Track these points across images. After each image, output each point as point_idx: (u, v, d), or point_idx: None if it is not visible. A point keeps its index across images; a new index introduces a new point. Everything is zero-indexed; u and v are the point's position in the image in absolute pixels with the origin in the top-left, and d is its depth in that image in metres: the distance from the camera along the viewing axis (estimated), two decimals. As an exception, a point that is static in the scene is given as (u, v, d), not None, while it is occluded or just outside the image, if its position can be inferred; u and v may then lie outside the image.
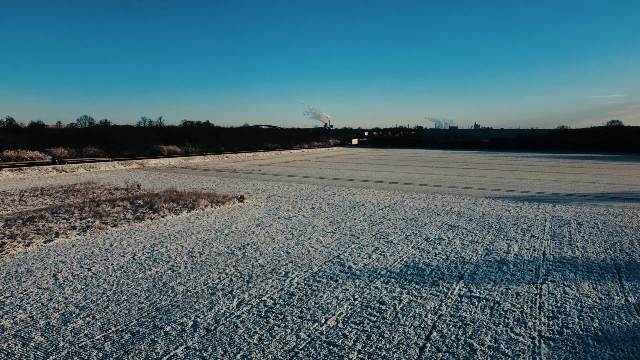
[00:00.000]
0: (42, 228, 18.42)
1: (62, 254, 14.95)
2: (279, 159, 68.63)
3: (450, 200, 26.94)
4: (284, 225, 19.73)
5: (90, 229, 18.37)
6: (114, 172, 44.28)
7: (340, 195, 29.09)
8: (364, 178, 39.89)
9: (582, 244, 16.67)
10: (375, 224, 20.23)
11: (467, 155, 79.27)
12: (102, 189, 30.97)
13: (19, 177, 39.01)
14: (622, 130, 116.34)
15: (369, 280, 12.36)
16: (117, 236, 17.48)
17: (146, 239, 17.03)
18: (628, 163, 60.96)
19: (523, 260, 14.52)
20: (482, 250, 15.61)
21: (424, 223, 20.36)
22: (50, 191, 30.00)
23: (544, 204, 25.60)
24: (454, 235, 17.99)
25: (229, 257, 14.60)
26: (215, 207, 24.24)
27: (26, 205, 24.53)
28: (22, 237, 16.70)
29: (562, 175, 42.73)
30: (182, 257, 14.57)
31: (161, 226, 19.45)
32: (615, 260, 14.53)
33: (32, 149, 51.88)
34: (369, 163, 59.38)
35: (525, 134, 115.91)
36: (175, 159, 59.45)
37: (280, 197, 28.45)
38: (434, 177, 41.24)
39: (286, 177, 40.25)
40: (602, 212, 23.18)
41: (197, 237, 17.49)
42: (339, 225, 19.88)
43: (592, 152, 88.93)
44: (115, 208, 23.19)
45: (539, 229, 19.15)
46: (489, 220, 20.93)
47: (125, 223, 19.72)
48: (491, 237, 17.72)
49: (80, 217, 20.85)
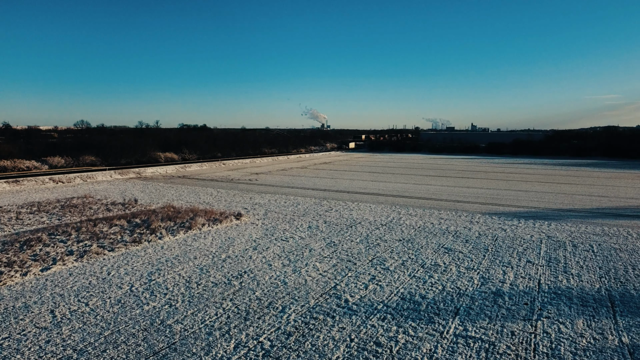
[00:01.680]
0: (39, 253, 18.42)
1: (60, 284, 14.96)
2: (276, 166, 68.63)
3: (446, 217, 27.04)
4: (281, 249, 19.79)
5: (88, 254, 18.38)
6: (110, 183, 44.22)
7: (337, 211, 29.16)
8: (361, 190, 39.97)
9: (577, 271, 16.78)
10: (372, 246, 20.31)
11: (464, 162, 79.44)
12: (99, 204, 30.94)
13: (15, 189, 38.93)
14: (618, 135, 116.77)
15: (366, 317, 12.43)
16: (114, 262, 17.49)
17: (143, 266, 17.06)
18: (623, 171, 61.26)
19: (518, 291, 14.62)
20: (477, 279, 15.71)
21: (420, 245, 20.45)
22: (47, 206, 29.96)
23: (539, 222, 25.73)
24: (450, 260, 18.08)
25: (226, 288, 14.65)
26: (212, 226, 24.26)
27: (23, 224, 24.50)
28: (19, 264, 16.70)
29: (558, 186, 42.91)
30: (179, 289, 14.61)
31: (158, 250, 19.47)
32: (610, 291, 14.65)
33: (29, 158, 51.75)
34: (366, 171, 59.47)
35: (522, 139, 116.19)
36: (172, 167, 59.39)
37: (277, 213, 28.50)
38: (431, 188, 41.36)
39: (283, 189, 40.28)
40: (598, 232, 23.32)
41: (194, 263, 17.52)
42: (336, 248, 19.95)
43: (588, 158, 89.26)
44: (112, 228, 23.19)
45: (535, 253, 19.27)
46: (484, 242, 21.03)
47: (123, 247, 19.73)
48: (487, 262, 17.82)
49: (78, 239, 20.85)
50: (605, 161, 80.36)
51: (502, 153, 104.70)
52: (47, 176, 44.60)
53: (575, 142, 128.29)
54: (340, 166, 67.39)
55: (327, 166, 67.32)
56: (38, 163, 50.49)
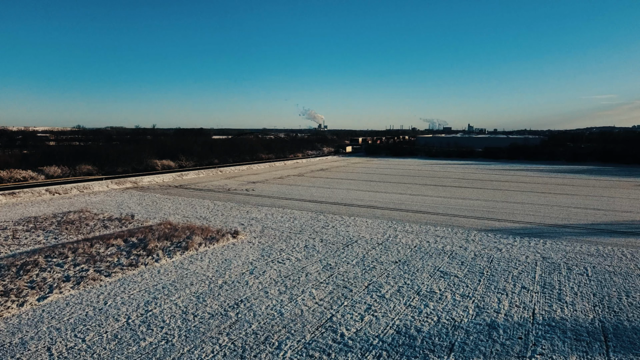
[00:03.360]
0: (35, 279, 18.44)
1: (57, 316, 14.99)
2: (273, 173, 68.66)
3: (442, 235, 27.16)
4: (278, 272, 19.85)
5: (84, 280, 18.40)
6: (107, 194, 44.17)
7: (334, 227, 29.24)
8: (357, 201, 40.05)
9: (571, 298, 16.92)
10: (368, 269, 20.40)
11: (461, 168, 79.64)
12: (95, 220, 30.93)
13: (12, 202, 38.84)
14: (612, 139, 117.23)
15: (362, 354, 12.52)
16: (111, 290, 17.53)
17: (140, 294, 17.10)
18: (618, 179, 61.59)
19: (513, 322, 14.74)
20: (473, 309, 15.82)
21: (416, 268, 20.55)
22: (43, 222, 29.94)
23: (535, 240, 25.88)
24: (445, 286, 18.19)
25: (223, 321, 14.71)
26: (209, 246, 24.31)
27: (20, 244, 24.49)
28: (15, 293, 16.71)
29: (554, 198, 43.12)
30: (175, 321, 14.65)
31: (155, 274, 19.51)
32: (603, 322, 14.78)
33: (25, 168, 51.62)
34: (362, 180, 59.57)
35: (518, 143, 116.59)
36: (169, 175, 59.34)
37: (274, 229, 28.57)
38: (427, 200, 41.49)
39: (280, 201, 40.33)
40: (592, 252, 23.48)
41: (190, 290, 17.57)
42: (332, 271, 20.04)
43: (584, 164, 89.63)
44: (109, 249, 23.21)
45: (529, 277, 19.40)
46: (480, 265, 21.16)
47: (119, 271, 19.75)
48: (482, 288, 17.94)
49: (74, 262, 20.87)
50: (601, 167, 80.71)
51: (498, 158, 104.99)
52: (44, 187, 44.51)
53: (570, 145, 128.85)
54: (337, 173, 67.46)
55: (324, 174, 67.38)
56: (34, 173, 50.37)
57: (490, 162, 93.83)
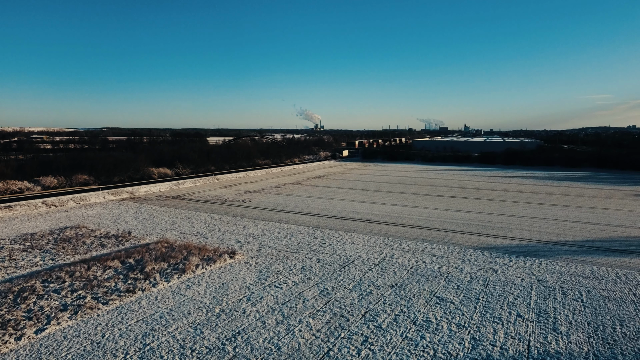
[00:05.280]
0: (33, 308, 18.48)
1: (55, 351, 15.04)
2: (269, 181, 68.72)
3: (438, 254, 27.33)
4: (275, 299, 19.96)
5: (82, 309, 18.45)
6: (104, 206, 44.14)
7: (331, 245, 29.37)
8: (354, 214, 40.19)
9: (566, 328, 17.10)
10: (365, 294, 20.54)
11: (457, 175, 79.94)
12: (92, 238, 30.94)
13: (8, 216, 38.77)
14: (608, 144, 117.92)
15: (358, 395, 12.62)
16: (108, 320, 17.58)
17: (137, 325, 17.16)
18: (614, 187, 62.02)
19: (508, 357, 14.89)
20: (468, 341, 15.97)
21: (412, 294, 20.69)
22: (40, 240, 29.94)
23: (530, 260, 26.08)
24: (441, 314, 18.34)
25: (221, 356, 14.79)
26: (206, 267, 24.39)
27: (17, 265, 24.50)
28: (13, 325, 16.75)
29: (549, 210, 43.39)
30: (173, 357, 14.73)
31: (152, 301, 19.57)
32: (598, 357, 14.95)
33: (21, 179, 51.52)
34: (359, 188, 59.71)
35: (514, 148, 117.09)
36: (165, 184, 59.31)
37: (270, 247, 28.68)
38: (423, 212, 41.67)
39: (277, 214, 40.42)
40: (587, 274, 23.69)
41: (187, 320, 17.65)
42: (329, 297, 20.16)
43: (579, 170, 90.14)
44: (106, 272, 23.25)
45: (525, 303, 19.58)
46: (476, 289, 21.32)
47: (117, 298, 19.81)
48: (478, 317, 18.09)
49: (72, 288, 20.91)
50: (596, 173, 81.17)
51: (494, 163, 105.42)
52: (40, 199, 44.44)
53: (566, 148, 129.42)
54: (334, 181, 67.58)
55: (320, 181, 67.49)
56: (31, 184, 50.30)
57: (486, 168, 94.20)
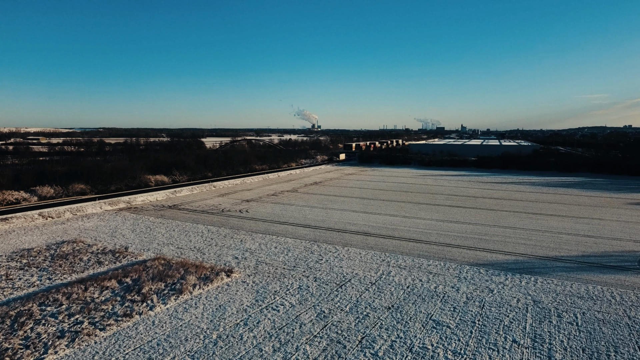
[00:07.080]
0: (30, 335, 18.50)
1: (51, 384, 15.06)
2: (266, 188, 68.74)
3: (435, 271, 27.46)
4: (272, 323, 20.03)
5: (79, 336, 18.47)
6: (100, 218, 44.09)
7: (327, 261, 29.46)
8: (351, 226, 40.29)
9: (561, 356, 17.24)
10: (362, 317, 20.63)
11: (454, 181, 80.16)
12: (89, 254, 30.93)
13: (4, 229, 38.69)
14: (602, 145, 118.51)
15: None
16: (105, 349, 17.62)
17: (134, 353, 17.21)
18: (609, 194, 62.36)
19: (503, 388, 15.00)
20: (464, 371, 16.07)
21: (409, 317, 20.80)
22: (37, 257, 29.92)
23: (526, 278, 26.24)
24: (437, 340, 18.45)
25: (218, 389, 14.84)
26: (203, 288, 24.43)
27: (13, 286, 24.49)
28: (10, 356, 16.76)
29: (545, 221, 43.62)
30: (171, 390, 14.78)
31: (149, 326, 19.61)
32: (592, 388, 15.08)
33: (18, 189, 51.39)
34: (355, 196, 59.80)
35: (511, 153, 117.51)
36: (162, 192, 59.26)
37: (268, 264, 28.76)
38: (420, 224, 41.81)
39: (274, 226, 40.48)
40: (582, 294, 23.86)
41: (185, 348, 17.69)
42: (326, 321, 20.24)
43: (575, 175, 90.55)
44: (103, 293, 23.27)
45: (520, 327, 19.72)
46: (472, 311, 21.45)
47: (114, 323, 19.84)
48: (474, 343, 18.21)
49: (69, 312, 20.93)
50: (592, 179, 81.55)
51: (491, 167, 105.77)
52: (37, 210, 44.36)
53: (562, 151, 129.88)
54: (331, 188, 67.65)
55: (318, 189, 67.54)
56: (27, 194, 50.19)
57: (483, 173, 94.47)
